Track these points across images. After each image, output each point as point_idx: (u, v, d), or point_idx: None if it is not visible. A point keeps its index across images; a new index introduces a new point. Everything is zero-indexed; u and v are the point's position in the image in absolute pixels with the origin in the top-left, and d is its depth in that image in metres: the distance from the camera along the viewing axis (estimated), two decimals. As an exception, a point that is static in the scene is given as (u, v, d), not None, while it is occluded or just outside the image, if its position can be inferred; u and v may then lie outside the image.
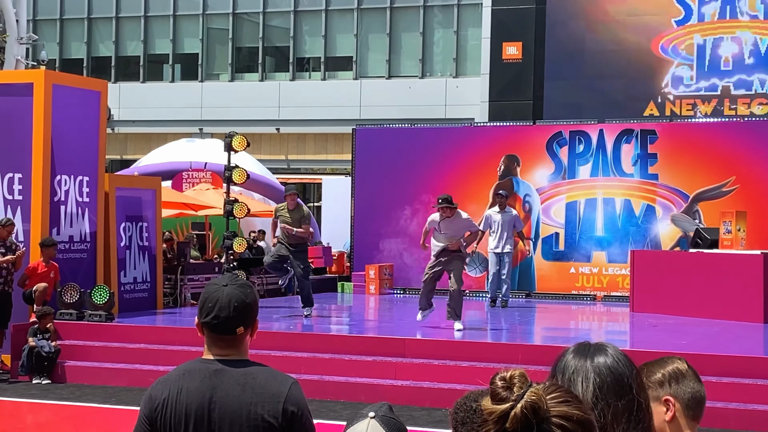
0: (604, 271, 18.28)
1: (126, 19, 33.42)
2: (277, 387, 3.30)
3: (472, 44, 29.81)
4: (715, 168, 17.64)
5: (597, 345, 2.40)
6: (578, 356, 2.37)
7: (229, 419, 3.24)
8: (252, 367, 3.34)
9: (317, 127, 31.13)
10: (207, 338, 3.36)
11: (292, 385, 3.33)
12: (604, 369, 2.31)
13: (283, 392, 3.29)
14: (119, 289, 14.51)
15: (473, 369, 11.38)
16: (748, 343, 12.48)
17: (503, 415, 1.90)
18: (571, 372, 2.34)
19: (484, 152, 19.16)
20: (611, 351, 2.37)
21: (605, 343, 2.41)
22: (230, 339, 3.33)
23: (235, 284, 3.36)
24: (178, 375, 3.34)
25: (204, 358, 3.36)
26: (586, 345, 2.41)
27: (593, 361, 2.33)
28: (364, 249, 19.67)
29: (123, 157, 32.57)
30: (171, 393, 3.29)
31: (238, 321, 3.31)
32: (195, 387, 3.28)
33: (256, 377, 3.30)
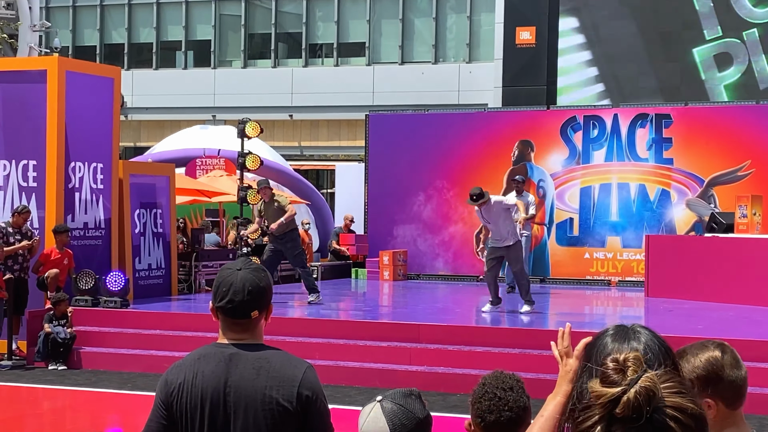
0: (619, 257, 18.23)
1: (138, 6, 33.42)
2: (291, 371, 3.28)
3: (485, 29, 29.68)
4: (730, 152, 17.56)
5: (633, 330, 2.34)
6: (616, 340, 2.31)
7: (245, 403, 3.24)
8: (267, 351, 3.33)
9: (330, 113, 31.09)
10: (222, 322, 3.35)
11: (306, 370, 3.32)
12: None
13: (298, 376, 3.28)
14: (134, 275, 14.54)
15: (488, 354, 11.36)
16: (763, 327, 12.42)
17: (614, 399, 1.78)
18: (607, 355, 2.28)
19: (498, 138, 19.12)
20: (645, 339, 2.28)
21: (641, 330, 2.34)
22: (245, 323, 3.32)
23: (249, 268, 3.35)
24: (194, 359, 3.34)
25: (219, 342, 3.35)
26: (623, 328, 2.35)
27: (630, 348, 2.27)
28: (378, 235, 19.66)
29: (136, 144, 32.61)
30: (186, 377, 3.28)
31: (253, 305, 3.30)
32: (210, 371, 3.27)
33: (270, 361, 3.29)
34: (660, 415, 1.78)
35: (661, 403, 1.78)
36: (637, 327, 2.33)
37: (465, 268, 19.29)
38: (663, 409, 1.78)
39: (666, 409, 1.78)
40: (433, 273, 19.49)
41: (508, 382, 3.31)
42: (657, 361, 2.26)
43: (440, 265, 19.48)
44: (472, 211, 19.10)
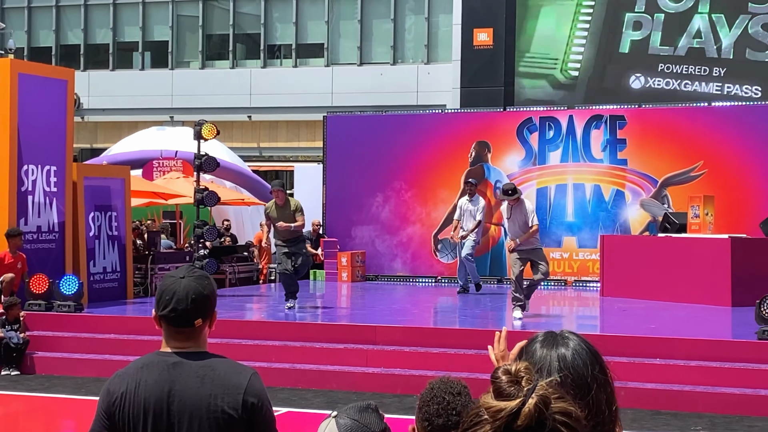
0: (575, 257, 18.38)
1: (95, 7, 33.13)
2: (236, 378, 3.28)
3: (443, 30, 29.76)
4: (683, 153, 17.77)
5: (562, 336, 2.35)
6: (545, 346, 2.32)
7: (189, 412, 3.23)
8: (211, 359, 3.32)
9: (289, 114, 31.01)
10: (165, 331, 3.34)
11: (251, 376, 3.32)
12: (563, 366, 2.26)
13: (243, 384, 3.28)
14: (88, 279, 14.44)
15: (444, 355, 11.42)
16: (716, 327, 12.59)
17: (513, 413, 1.78)
18: (537, 365, 2.28)
19: (455, 139, 19.19)
20: (573, 344, 2.30)
21: (570, 336, 2.35)
22: (188, 331, 3.31)
23: (193, 276, 3.34)
24: (136, 368, 3.32)
25: (162, 351, 3.34)
26: (552, 334, 2.36)
27: (558, 354, 2.28)
28: (336, 236, 19.67)
29: (93, 145, 32.32)
30: (129, 387, 3.27)
31: (196, 313, 3.30)
32: (153, 380, 3.26)
33: (215, 369, 3.29)
34: (552, 423, 1.80)
35: (552, 411, 1.81)
36: (565, 333, 2.35)
37: (423, 269, 19.36)
38: (554, 416, 1.81)
39: (555, 415, 1.81)
40: (391, 274, 19.53)
41: (456, 387, 3.34)
42: (586, 367, 2.28)
43: (398, 266, 19.53)
44: (431, 212, 19.25)
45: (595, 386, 2.24)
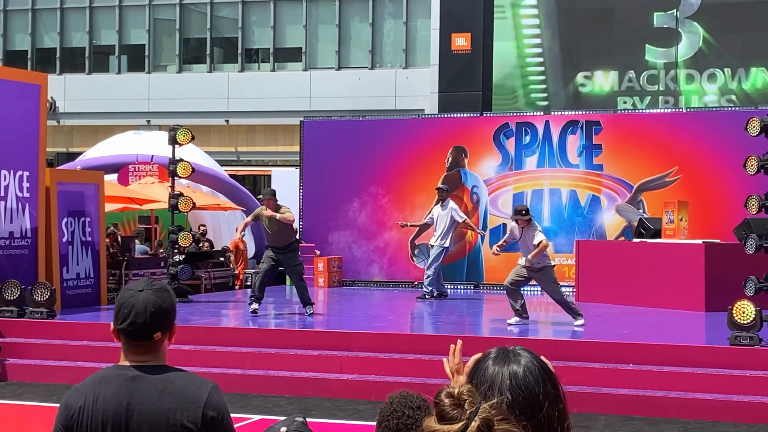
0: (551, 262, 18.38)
1: (71, 10, 32.97)
2: (195, 392, 3.26)
3: (421, 35, 29.78)
4: (658, 158, 17.84)
5: (514, 352, 2.34)
6: (497, 363, 2.32)
7: (148, 426, 3.20)
8: (170, 373, 3.30)
9: (267, 118, 30.94)
10: (123, 344, 3.32)
11: (211, 390, 3.29)
12: (515, 384, 2.26)
13: (203, 397, 3.25)
14: (62, 285, 14.34)
15: (419, 362, 11.40)
16: (689, 332, 12.65)
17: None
18: (489, 382, 2.28)
19: (432, 144, 19.20)
20: (525, 361, 2.29)
21: (522, 352, 2.35)
22: (147, 345, 3.29)
23: (152, 289, 3.31)
24: (94, 382, 3.30)
25: (120, 365, 3.32)
26: (504, 351, 2.36)
27: (510, 371, 2.28)
28: (313, 241, 19.62)
29: (69, 149, 32.14)
30: (87, 401, 3.24)
31: (155, 326, 3.27)
32: (112, 394, 3.24)
33: (174, 383, 3.26)
34: None
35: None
36: (517, 349, 2.34)
37: (400, 274, 19.34)
38: None
39: None
40: (368, 279, 19.50)
41: (416, 402, 3.32)
42: (537, 384, 2.28)
43: (375, 272, 19.50)
44: (408, 217, 19.22)
45: (547, 403, 2.24)
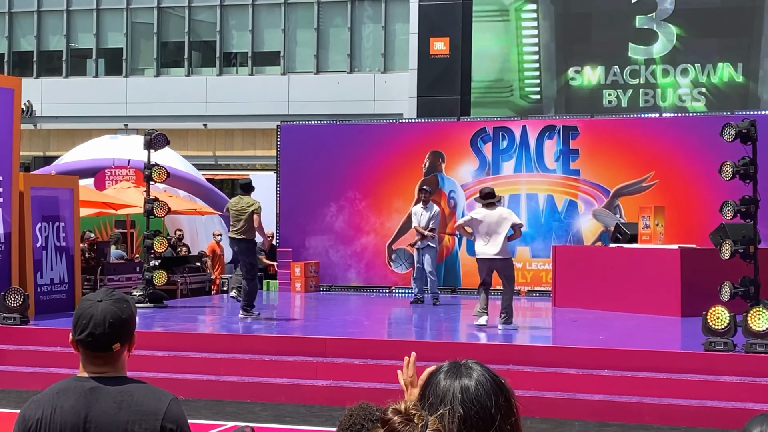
0: (528, 266, 18.42)
1: (48, 13, 32.80)
2: (154, 404, 3.22)
3: (399, 39, 29.80)
4: (634, 163, 17.89)
5: (466, 366, 2.34)
6: (448, 377, 2.31)
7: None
8: (129, 385, 3.26)
9: (245, 122, 30.88)
10: (82, 355, 3.29)
11: (170, 402, 3.25)
12: (466, 398, 2.25)
13: (161, 409, 3.21)
14: (35, 290, 14.22)
15: (394, 367, 11.33)
16: (664, 338, 12.67)
17: None
18: (440, 396, 2.28)
19: (409, 148, 19.19)
20: (476, 375, 2.31)
21: (474, 366, 2.35)
22: (106, 356, 3.25)
23: (111, 299, 3.28)
24: (52, 394, 3.27)
25: (79, 376, 3.28)
26: (456, 365, 2.36)
27: (461, 385, 2.28)
28: (290, 246, 19.56)
29: (46, 153, 31.98)
30: (45, 413, 3.22)
31: (114, 337, 3.24)
32: (69, 406, 3.20)
33: (133, 395, 3.23)
34: None
35: None
36: (469, 363, 2.34)
37: (377, 279, 19.31)
38: None
39: None
40: (345, 284, 19.46)
41: (375, 414, 3.30)
42: (489, 398, 2.27)
43: (352, 276, 19.46)
44: (385, 221, 19.21)
45: (499, 417, 2.25)
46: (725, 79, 24.51)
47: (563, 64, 25.50)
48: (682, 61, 24.75)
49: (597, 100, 25.00)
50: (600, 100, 25.10)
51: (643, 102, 24.77)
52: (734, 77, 24.39)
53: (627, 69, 25.03)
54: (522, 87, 25.63)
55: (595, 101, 24.91)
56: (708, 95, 24.49)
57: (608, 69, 25.10)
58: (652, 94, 24.84)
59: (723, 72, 24.47)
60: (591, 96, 25.10)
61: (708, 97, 24.50)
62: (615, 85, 25.12)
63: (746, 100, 24.08)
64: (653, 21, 24.85)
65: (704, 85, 24.58)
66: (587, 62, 25.32)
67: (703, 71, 24.59)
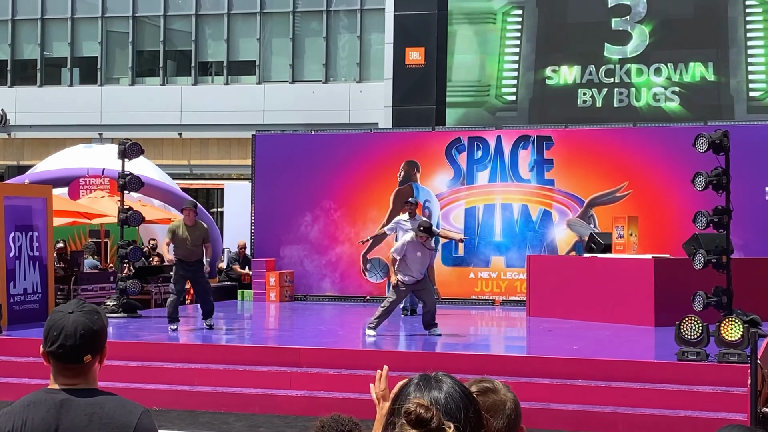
0: (503, 276, 18.47)
1: (22, 22, 32.61)
2: (126, 417, 3.21)
3: (375, 49, 29.83)
4: (609, 173, 17.98)
5: (436, 379, 2.36)
6: (418, 389, 2.34)
7: (77, 451, 3.15)
8: (99, 397, 3.25)
9: (220, 131, 30.80)
10: (53, 367, 3.28)
11: (141, 415, 3.25)
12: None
13: (132, 422, 3.21)
14: (8, 300, 14.13)
15: (369, 377, 11.33)
16: (638, 347, 12.73)
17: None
18: None
19: (384, 158, 19.21)
20: (446, 388, 2.33)
21: (444, 379, 2.37)
22: (77, 368, 3.24)
23: (82, 311, 3.27)
24: (23, 406, 3.26)
25: (50, 388, 3.27)
26: (426, 377, 2.38)
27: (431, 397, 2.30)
28: (265, 256, 19.52)
29: (20, 162, 31.75)
30: (15, 425, 3.21)
31: (85, 349, 3.23)
32: (40, 418, 3.19)
33: (103, 407, 3.22)
34: None
35: None
36: (440, 375, 2.37)
37: (352, 289, 19.30)
38: None
39: None
40: (320, 294, 19.44)
41: (347, 425, 3.31)
42: (458, 410, 2.29)
43: (327, 286, 19.45)
44: (360, 231, 19.20)
45: (468, 429, 2.27)
46: (697, 78, 24.33)
47: (540, 64, 25.29)
48: (655, 60, 24.53)
49: (572, 100, 24.80)
50: (575, 99, 24.82)
51: (617, 102, 24.66)
52: (706, 75, 24.24)
53: (602, 69, 24.84)
54: (499, 86, 25.50)
55: (571, 101, 24.75)
56: (682, 92, 24.09)
57: (584, 69, 24.86)
58: (626, 93, 24.62)
59: (694, 71, 24.34)
60: (568, 94, 24.72)
61: (681, 94, 24.20)
62: (590, 84, 24.89)
63: (718, 97, 23.98)
64: (627, 23, 24.81)
65: (677, 83, 24.23)
66: (564, 62, 25.16)
67: (676, 70, 24.41)
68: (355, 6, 30.39)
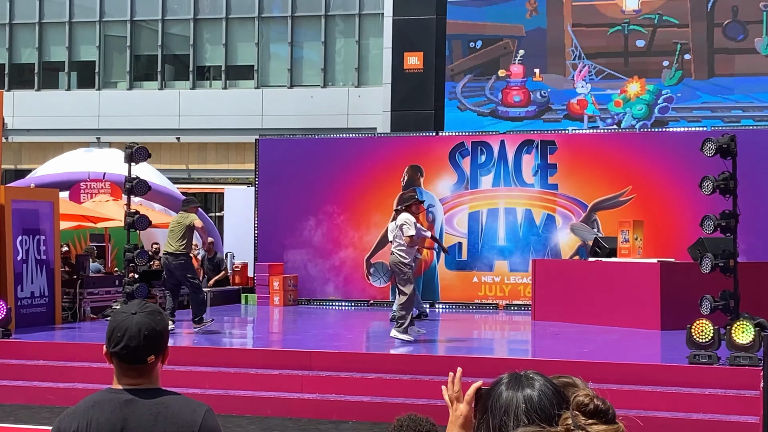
0: (506, 280, 18.51)
1: (20, 26, 32.58)
2: (190, 415, 3.24)
3: (373, 54, 29.88)
4: (612, 178, 18.04)
5: (526, 377, 2.39)
6: (510, 388, 2.36)
7: (142, 450, 3.18)
8: (164, 397, 3.28)
9: (218, 136, 30.81)
10: (116, 368, 3.29)
11: (206, 413, 3.28)
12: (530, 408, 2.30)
13: (197, 420, 3.23)
14: (16, 304, 14.12)
15: (380, 381, 11.39)
16: (646, 351, 12.78)
17: None
18: (504, 407, 2.32)
19: (388, 162, 19.25)
20: (538, 385, 2.35)
21: (534, 377, 2.40)
22: (141, 368, 3.26)
23: (145, 311, 3.29)
24: (87, 407, 3.27)
25: (114, 388, 3.28)
26: (517, 376, 2.40)
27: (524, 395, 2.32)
28: (269, 260, 19.54)
29: (18, 166, 31.72)
30: (80, 425, 3.21)
31: (149, 349, 3.25)
32: (105, 419, 3.20)
33: (168, 407, 3.24)
34: None
35: None
36: (530, 373, 2.39)
37: (356, 293, 19.33)
38: None
39: None
40: (323, 298, 19.46)
41: (425, 425, 3.32)
42: (552, 407, 2.32)
43: (331, 290, 19.47)
44: (363, 235, 19.24)
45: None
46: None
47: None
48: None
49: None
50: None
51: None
52: None
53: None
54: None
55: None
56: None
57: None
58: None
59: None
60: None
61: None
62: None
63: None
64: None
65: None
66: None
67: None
68: (353, 11, 30.44)
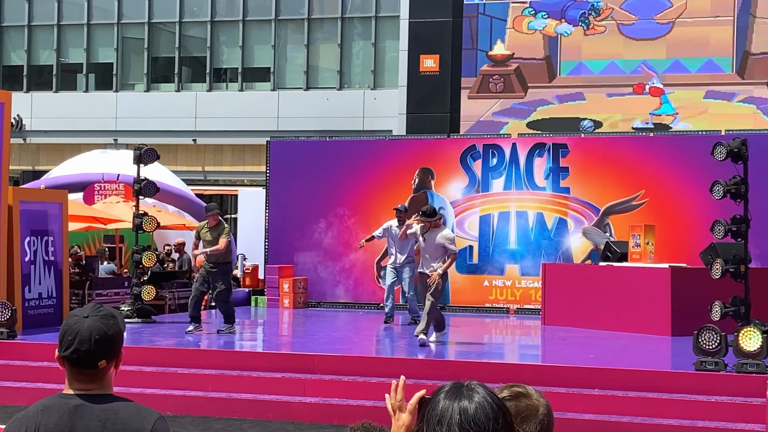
0: (518, 284, 18.38)
1: (39, 28, 32.73)
2: (140, 423, 3.17)
3: (389, 56, 29.81)
4: (625, 182, 17.87)
5: (468, 388, 2.31)
6: (448, 398, 2.29)
7: (90, 458, 3.11)
8: (114, 403, 3.21)
9: (234, 138, 30.83)
10: (68, 372, 3.24)
11: (156, 421, 3.20)
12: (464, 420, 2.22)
13: (147, 428, 3.16)
14: (23, 305, 14.13)
15: (383, 385, 11.29)
16: (655, 357, 12.63)
17: None
18: (438, 416, 2.26)
19: (399, 165, 19.15)
20: (477, 398, 2.27)
21: (475, 388, 2.31)
22: (92, 373, 3.20)
23: (97, 315, 3.23)
24: (37, 411, 3.22)
25: (64, 393, 3.23)
26: (458, 386, 2.33)
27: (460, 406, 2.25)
28: (279, 262, 19.49)
29: (35, 168, 31.85)
30: (28, 430, 3.17)
31: (100, 354, 3.19)
32: (54, 424, 3.16)
33: (118, 413, 3.17)
34: None
35: None
36: (472, 385, 2.30)
37: (366, 296, 19.24)
38: None
39: None
40: (333, 300, 19.39)
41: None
42: (488, 422, 2.23)
43: (341, 293, 19.39)
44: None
45: None
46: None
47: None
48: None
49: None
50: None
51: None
52: None
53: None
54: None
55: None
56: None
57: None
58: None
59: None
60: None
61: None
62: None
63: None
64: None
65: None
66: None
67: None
68: (369, 13, 30.39)
